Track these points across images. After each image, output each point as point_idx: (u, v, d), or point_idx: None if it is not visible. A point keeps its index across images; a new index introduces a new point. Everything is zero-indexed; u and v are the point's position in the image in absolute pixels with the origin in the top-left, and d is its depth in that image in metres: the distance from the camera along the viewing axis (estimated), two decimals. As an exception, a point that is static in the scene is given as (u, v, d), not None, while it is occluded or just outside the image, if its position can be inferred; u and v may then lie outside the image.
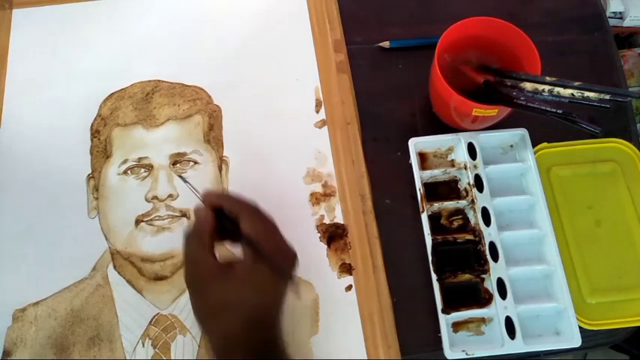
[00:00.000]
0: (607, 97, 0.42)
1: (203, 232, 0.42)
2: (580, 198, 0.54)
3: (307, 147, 0.56)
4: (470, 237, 0.52)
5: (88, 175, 0.55)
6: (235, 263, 0.41)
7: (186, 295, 0.50)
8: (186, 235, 0.43)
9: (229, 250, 0.47)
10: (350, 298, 0.51)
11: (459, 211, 0.53)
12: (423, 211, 0.52)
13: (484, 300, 0.50)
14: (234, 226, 0.42)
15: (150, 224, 0.53)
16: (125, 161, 0.56)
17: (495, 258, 0.50)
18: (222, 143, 0.57)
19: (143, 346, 0.49)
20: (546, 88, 0.45)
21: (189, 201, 0.54)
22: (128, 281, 0.51)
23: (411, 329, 0.50)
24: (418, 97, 0.59)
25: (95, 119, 0.58)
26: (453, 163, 0.55)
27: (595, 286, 0.51)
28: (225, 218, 0.43)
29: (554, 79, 0.45)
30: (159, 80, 0.60)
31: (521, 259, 0.51)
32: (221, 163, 0.56)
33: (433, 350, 0.49)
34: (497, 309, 0.49)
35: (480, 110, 0.48)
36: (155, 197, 0.54)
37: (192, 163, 0.55)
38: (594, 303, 0.50)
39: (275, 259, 0.41)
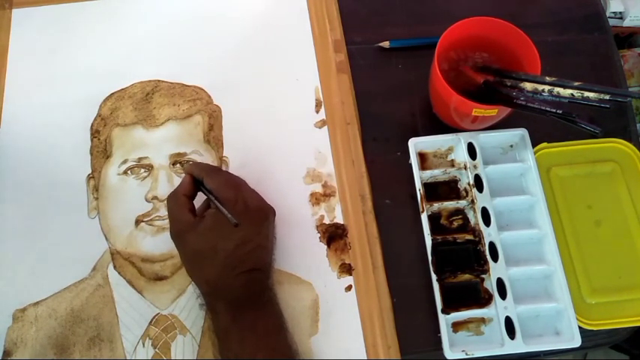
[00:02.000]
0: (607, 97, 0.42)
1: (178, 192, 0.47)
2: (580, 198, 0.54)
3: (307, 147, 0.56)
4: (470, 237, 0.52)
5: (88, 175, 0.55)
6: (206, 214, 0.46)
7: (187, 296, 0.50)
8: (166, 197, 0.48)
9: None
10: (350, 298, 0.51)
11: (459, 211, 0.53)
12: (422, 211, 0.52)
13: (484, 300, 0.50)
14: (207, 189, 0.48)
15: (150, 224, 0.53)
16: (125, 161, 0.56)
17: (495, 258, 0.50)
18: (222, 143, 0.57)
19: (143, 346, 0.49)
20: (546, 88, 0.45)
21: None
22: (128, 281, 0.51)
23: (411, 329, 0.50)
24: (418, 97, 0.59)
25: (95, 119, 0.58)
26: (452, 163, 0.55)
27: (595, 286, 0.51)
28: (202, 184, 0.48)
29: (554, 79, 0.45)
30: (159, 80, 0.60)
31: (521, 259, 0.51)
32: (221, 163, 0.56)
33: (433, 350, 0.49)
34: (497, 309, 0.49)
35: (480, 110, 0.48)
36: (155, 197, 0.54)
37: (192, 163, 0.55)
38: (594, 303, 0.50)
39: (232, 206, 0.45)
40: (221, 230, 0.45)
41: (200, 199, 0.50)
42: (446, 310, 0.48)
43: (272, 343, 0.45)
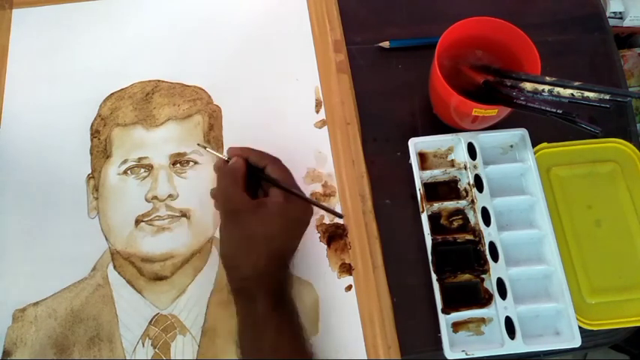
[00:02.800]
0: (607, 97, 0.42)
1: (236, 171, 0.46)
2: (580, 198, 0.54)
3: (307, 147, 0.56)
4: (470, 237, 0.52)
5: (88, 175, 0.55)
6: (267, 201, 0.45)
7: (187, 295, 0.50)
8: (220, 172, 0.48)
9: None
10: (350, 298, 0.51)
11: (459, 211, 0.53)
12: (422, 211, 0.52)
13: (484, 300, 0.50)
14: (257, 177, 0.48)
15: (150, 224, 0.53)
16: (125, 161, 0.56)
17: (495, 258, 0.50)
18: (222, 143, 0.57)
19: (143, 346, 0.49)
20: (546, 88, 0.45)
21: (189, 201, 0.54)
22: (128, 281, 0.51)
23: (411, 329, 0.50)
24: (418, 97, 0.59)
25: (95, 119, 0.58)
26: (452, 163, 0.55)
27: (595, 286, 0.51)
28: (250, 169, 0.47)
29: (554, 79, 0.45)
30: (159, 80, 0.60)
31: (521, 259, 0.51)
32: (221, 163, 0.56)
33: (433, 350, 0.49)
34: (497, 309, 0.49)
35: (480, 110, 0.48)
36: (155, 197, 0.54)
37: (192, 163, 0.55)
38: (594, 303, 0.50)
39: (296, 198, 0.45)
40: (286, 222, 0.45)
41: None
42: (446, 310, 0.48)
43: (301, 336, 0.46)
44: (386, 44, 0.61)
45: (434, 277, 0.50)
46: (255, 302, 0.44)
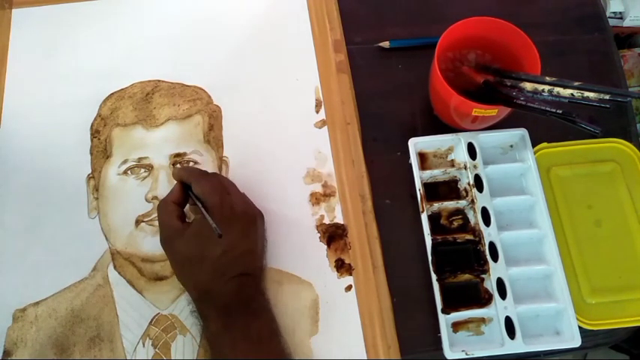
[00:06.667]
0: (607, 97, 0.42)
1: (167, 200, 0.48)
2: (580, 198, 0.54)
3: (307, 147, 0.56)
4: (470, 237, 0.52)
5: (88, 175, 0.55)
6: (193, 221, 0.47)
7: (186, 296, 0.50)
8: (157, 206, 0.49)
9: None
10: (350, 298, 0.51)
11: (459, 211, 0.53)
12: (422, 211, 0.52)
13: (484, 300, 0.50)
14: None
15: (150, 224, 0.53)
16: (125, 161, 0.56)
17: (495, 258, 0.50)
18: (222, 143, 0.57)
19: (143, 346, 0.49)
20: (546, 88, 0.45)
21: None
22: (128, 281, 0.51)
23: (411, 329, 0.50)
24: (418, 97, 0.59)
25: (95, 119, 0.58)
26: (452, 163, 0.55)
27: (595, 286, 0.51)
28: (190, 188, 0.48)
29: (554, 79, 0.45)
30: (159, 80, 0.60)
31: (521, 259, 0.51)
32: (221, 163, 0.56)
33: (433, 350, 0.49)
34: (497, 309, 0.49)
35: (480, 110, 0.48)
36: (155, 197, 0.54)
37: (192, 164, 0.55)
38: (594, 303, 0.50)
39: (219, 211, 0.45)
40: (207, 236, 0.44)
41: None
42: (446, 310, 0.48)
43: (265, 349, 0.44)
44: (386, 44, 0.61)
45: (434, 277, 0.50)
46: (208, 321, 0.45)
